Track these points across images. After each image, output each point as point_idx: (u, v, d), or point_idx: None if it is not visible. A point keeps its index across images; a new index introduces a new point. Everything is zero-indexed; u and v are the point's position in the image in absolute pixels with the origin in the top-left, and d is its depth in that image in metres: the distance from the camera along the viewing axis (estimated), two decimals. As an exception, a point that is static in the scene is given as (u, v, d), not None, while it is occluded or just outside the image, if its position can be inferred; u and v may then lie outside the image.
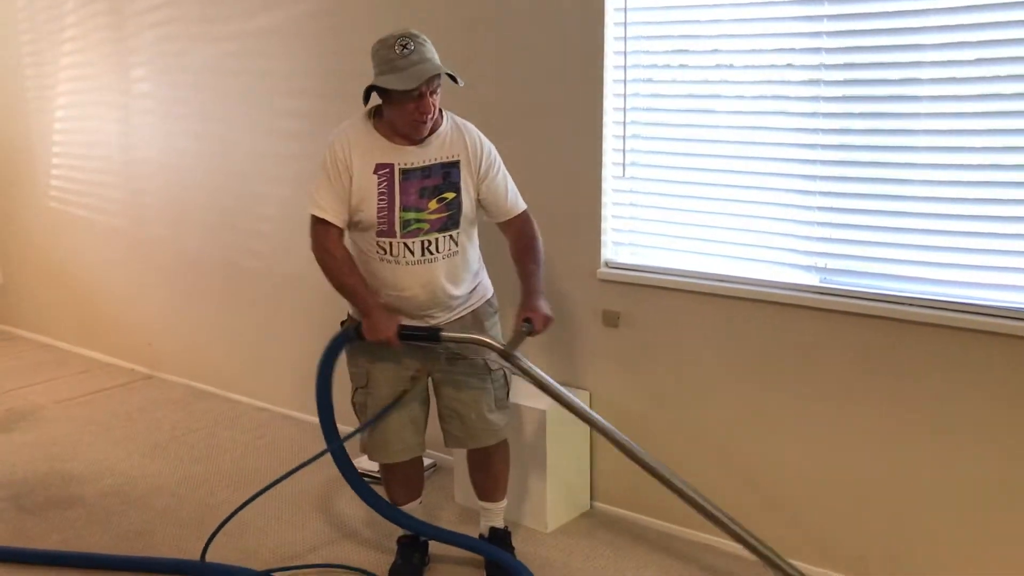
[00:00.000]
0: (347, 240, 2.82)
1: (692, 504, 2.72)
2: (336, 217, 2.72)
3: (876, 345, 2.79)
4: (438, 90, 2.65)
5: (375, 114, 2.74)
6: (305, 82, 4.09)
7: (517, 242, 2.86)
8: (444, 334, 2.73)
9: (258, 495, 2.99)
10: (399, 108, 2.62)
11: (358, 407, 2.95)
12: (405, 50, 2.57)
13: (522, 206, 2.88)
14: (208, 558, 3.09)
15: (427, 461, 3.77)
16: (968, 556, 2.74)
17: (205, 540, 3.07)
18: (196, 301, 4.88)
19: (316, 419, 4.23)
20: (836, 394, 2.90)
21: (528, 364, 2.74)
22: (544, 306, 2.76)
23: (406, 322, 2.76)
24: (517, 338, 2.70)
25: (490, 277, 3.01)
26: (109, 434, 4.37)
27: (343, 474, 2.99)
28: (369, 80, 2.65)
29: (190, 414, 4.61)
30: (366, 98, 2.70)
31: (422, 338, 2.75)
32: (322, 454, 2.93)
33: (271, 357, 4.55)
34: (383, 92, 2.64)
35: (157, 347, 5.20)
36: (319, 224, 2.74)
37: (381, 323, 2.70)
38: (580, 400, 3.39)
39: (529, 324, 2.72)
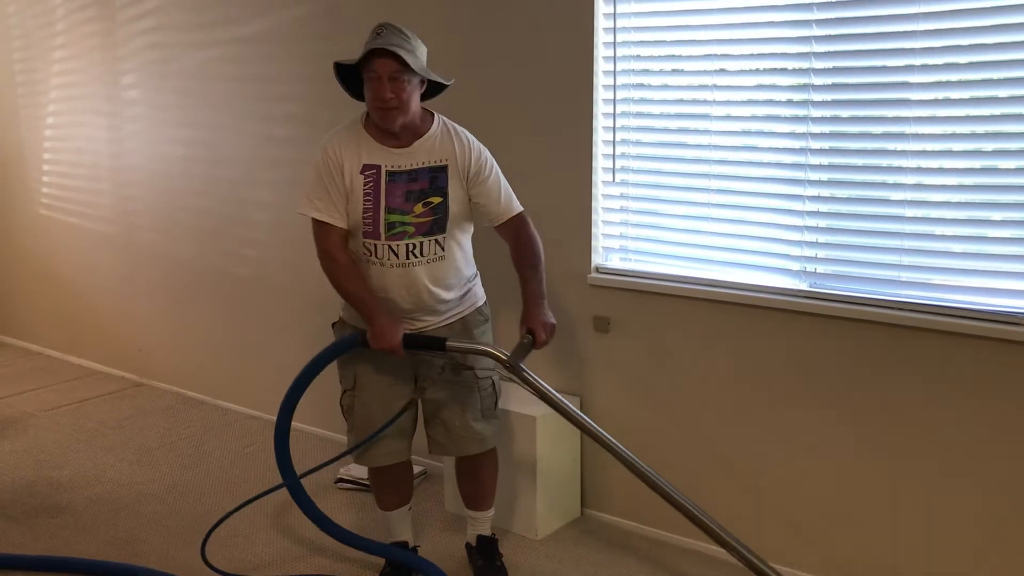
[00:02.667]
0: None
1: (694, 520, 2.68)
2: (334, 218, 2.71)
3: (866, 349, 2.79)
4: (404, 80, 2.58)
5: (367, 116, 2.74)
6: (295, 88, 4.09)
7: (514, 246, 2.82)
8: (449, 344, 2.70)
9: (243, 505, 3.03)
10: (366, 93, 2.63)
11: (345, 409, 2.94)
12: (376, 36, 2.58)
13: (517, 208, 2.85)
14: (197, 567, 3.08)
15: (417, 468, 3.76)
16: (963, 561, 2.74)
17: (194, 547, 3.07)
18: (186, 308, 4.86)
19: (307, 427, 4.27)
20: (826, 398, 2.89)
21: (532, 376, 2.71)
22: (546, 314, 2.72)
23: (408, 329, 2.74)
24: (519, 350, 2.66)
25: (488, 282, 2.99)
26: (98, 441, 4.34)
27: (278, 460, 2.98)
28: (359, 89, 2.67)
29: (180, 422, 4.59)
30: (342, 84, 2.70)
31: (427, 347, 2.72)
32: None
33: (262, 365, 4.54)
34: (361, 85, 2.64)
35: (147, 355, 5.17)
36: (319, 227, 2.73)
37: (386, 331, 2.66)
38: (573, 405, 3.40)
39: (531, 336, 2.68)
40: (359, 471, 3.74)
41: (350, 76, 2.68)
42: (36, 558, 3.20)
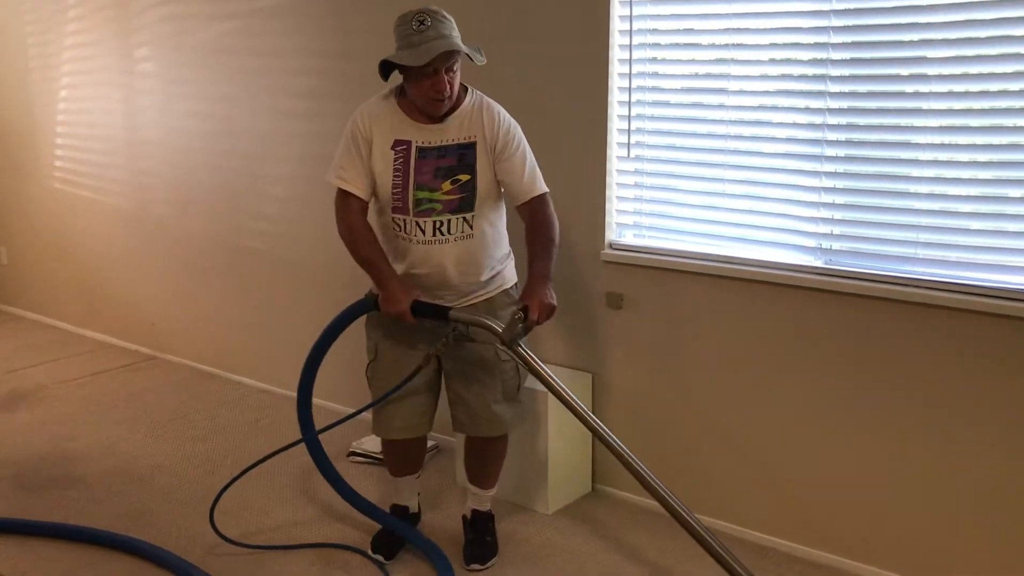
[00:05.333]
0: (371, 213, 2.82)
1: (680, 520, 2.64)
2: (358, 188, 2.73)
3: (880, 327, 2.78)
4: (456, 68, 2.62)
5: (401, 91, 2.73)
6: (310, 61, 4.07)
7: (529, 225, 2.78)
8: (453, 313, 2.71)
9: (247, 470, 3.09)
10: (416, 85, 2.61)
11: (369, 379, 2.98)
12: (422, 26, 2.55)
13: (540, 189, 2.79)
14: (209, 537, 3.11)
15: (430, 443, 3.77)
16: (975, 537, 2.73)
17: (206, 519, 3.09)
18: (200, 282, 4.87)
19: (326, 403, 4.30)
20: (840, 375, 2.88)
21: (529, 354, 2.68)
22: (546, 294, 2.65)
23: (423, 298, 2.75)
24: (511, 326, 2.62)
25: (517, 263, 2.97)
26: (111, 414, 4.37)
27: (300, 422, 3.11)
28: (378, 58, 2.63)
29: (193, 395, 4.61)
30: (383, 74, 2.68)
31: (434, 315, 2.74)
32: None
33: (274, 338, 4.55)
34: (403, 69, 2.62)
35: (160, 328, 5.19)
36: (340, 195, 2.76)
37: (396, 296, 2.70)
38: (585, 382, 3.40)
39: (523, 313, 2.61)
40: (371, 444, 3.75)
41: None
42: (52, 525, 3.24)
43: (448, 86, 2.60)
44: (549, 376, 2.69)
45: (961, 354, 2.66)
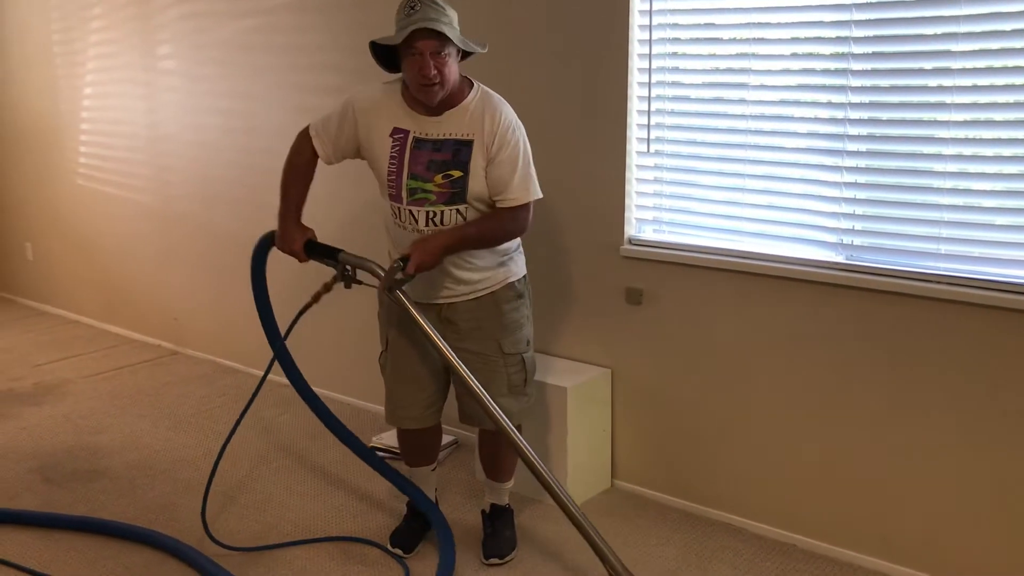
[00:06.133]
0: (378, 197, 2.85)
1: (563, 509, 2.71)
2: (321, 146, 2.81)
3: (903, 323, 2.75)
4: (446, 55, 2.56)
5: (405, 83, 2.73)
6: (330, 57, 4.08)
7: (495, 212, 2.73)
8: (342, 255, 2.78)
9: (229, 438, 3.13)
10: (407, 70, 2.61)
11: (381, 367, 3.02)
12: (411, 11, 2.55)
13: (523, 199, 2.69)
14: (231, 531, 3.13)
15: (449, 438, 3.78)
16: (994, 534, 2.71)
17: (227, 512, 3.11)
18: (222, 278, 4.90)
19: (342, 396, 4.32)
20: (860, 372, 2.86)
21: (408, 303, 2.68)
22: (431, 252, 2.62)
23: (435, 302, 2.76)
24: (390, 273, 2.65)
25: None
26: (135, 408, 4.41)
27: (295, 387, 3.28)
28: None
29: (215, 390, 4.65)
30: (376, 58, 2.70)
31: (325, 255, 2.82)
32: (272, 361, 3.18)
33: (296, 334, 4.56)
34: (399, 57, 2.62)
35: (183, 323, 5.23)
36: (304, 138, 2.84)
37: (291, 235, 2.84)
38: (604, 377, 3.39)
39: (402, 262, 2.63)
40: (391, 439, 3.77)
41: (384, 50, 2.67)
42: (76, 519, 3.28)
43: (436, 71, 2.55)
44: (430, 330, 2.69)
45: (984, 351, 2.63)
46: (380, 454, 3.78)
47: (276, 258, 2.99)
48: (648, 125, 3.19)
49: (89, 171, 5.59)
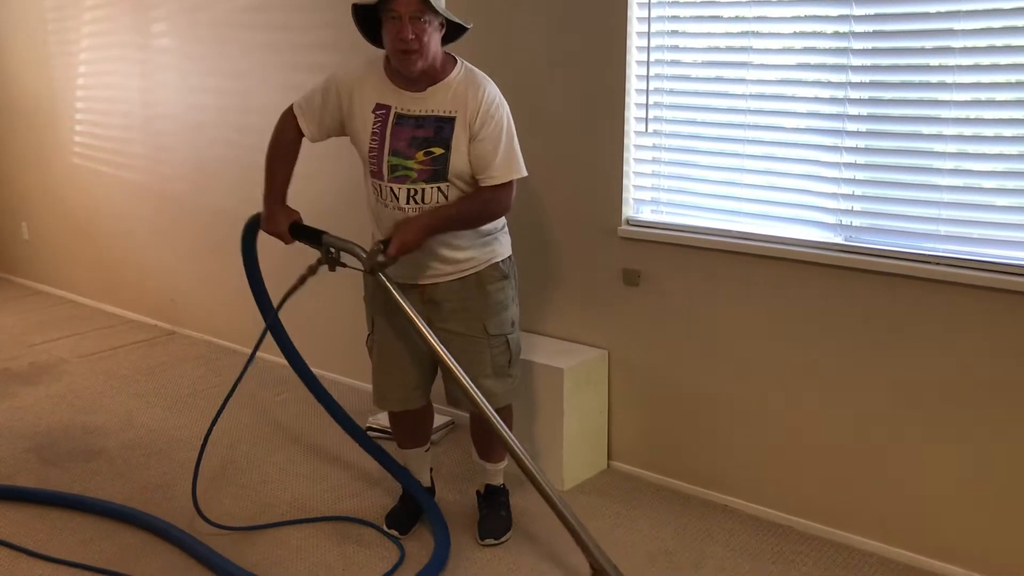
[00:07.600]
0: (359, 176, 2.83)
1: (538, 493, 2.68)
2: (305, 122, 2.78)
3: (901, 305, 2.74)
4: (425, 21, 2.51)
5: (387, 59, 2.70)
6: (326, 35, 4.05)
7: (474, 192, 2.70)
8: (326, 237, 2.74)
9: (218, 413, 3.14)
10: (385, 35, 2.57)
11: (368, 350, 3.02)
12: None
13: (499, 179, 2.65)
14: (227, 511, 3.12)
15: (445, 419, 3.78)
16: (993, 516, 2.71)
17: (224, 492, 3.11)
18: (218, 257, 4.88)
19: (341, 377, 4.31)
20: (860, 354, 2.85)
21: (392, 286, 2.66)
22: (412, 235, 2.60)
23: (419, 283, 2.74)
24: (372, 255, 2.63)
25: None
26: (131, 388, 4.40)
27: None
28: None
29: (212, 370, 4.64)
30: (362, 32, 2.68)
31: (310, 237, 2.79)
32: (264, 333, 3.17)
33: (293, 315, 4.54)
34: (380, 26, 2.59)
35: (179, 303, 5.22)
36: (288, 116, 2.81)
37: (276, 217, 2.82)
38: (601, 358, 3.38)
39: (383, 245, 2.62)
40: (386, 420, 3.76)
41: (369, 22, 2.64)
42: (72, 497, 3.28)
43: (414, 35, 2.50)
44: (413, 314, 2.67)
45: (984, 334, 2.62)
46: (375, 435, 3.78)
47: (265, 238, 2.96)
48: (646, 104, 3.16)
49: (84, 150, 5.56)
